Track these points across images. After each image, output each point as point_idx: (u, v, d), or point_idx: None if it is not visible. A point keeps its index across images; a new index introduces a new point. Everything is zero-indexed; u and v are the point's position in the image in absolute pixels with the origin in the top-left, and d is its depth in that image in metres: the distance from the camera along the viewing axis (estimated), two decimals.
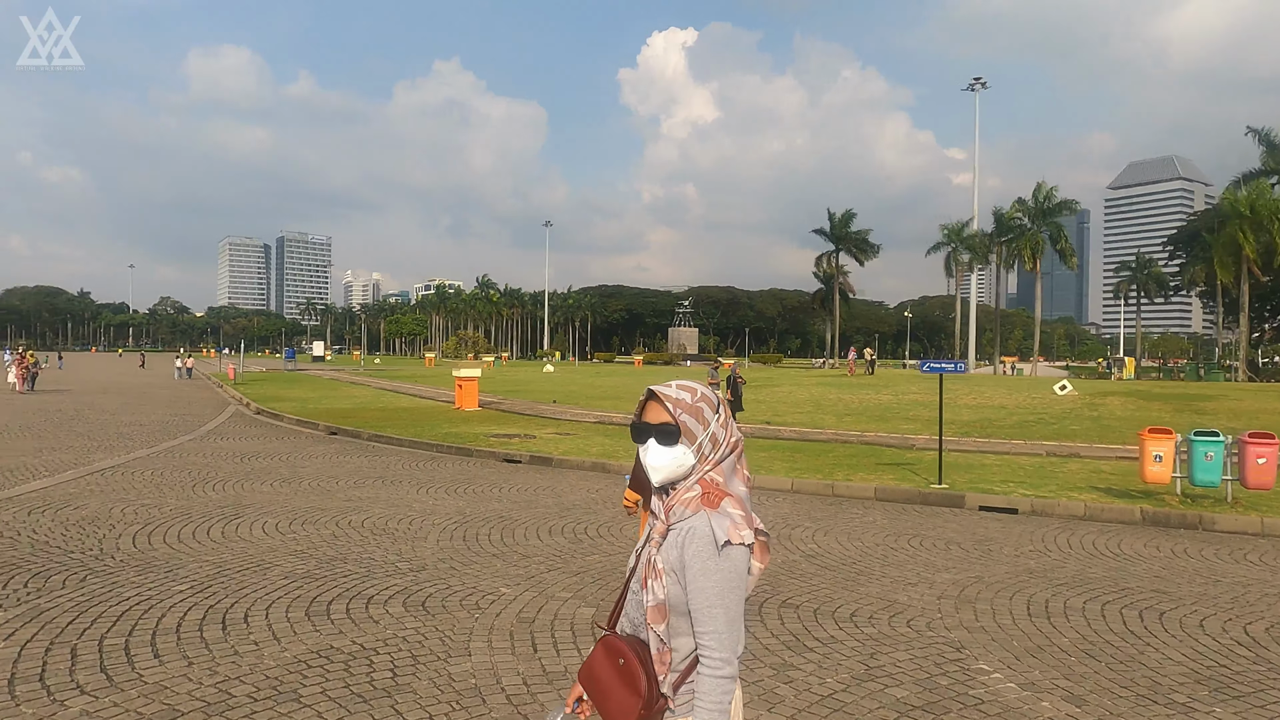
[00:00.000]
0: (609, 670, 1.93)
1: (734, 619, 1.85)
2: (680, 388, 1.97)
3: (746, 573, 1.88)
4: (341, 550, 7.19)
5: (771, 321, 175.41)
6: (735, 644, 1.85)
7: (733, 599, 1.84)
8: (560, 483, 11.76)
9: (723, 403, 2.02)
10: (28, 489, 9.98)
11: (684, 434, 1.91)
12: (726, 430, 1.97)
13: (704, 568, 1.84)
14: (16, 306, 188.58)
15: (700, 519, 1.88)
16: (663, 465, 1.93)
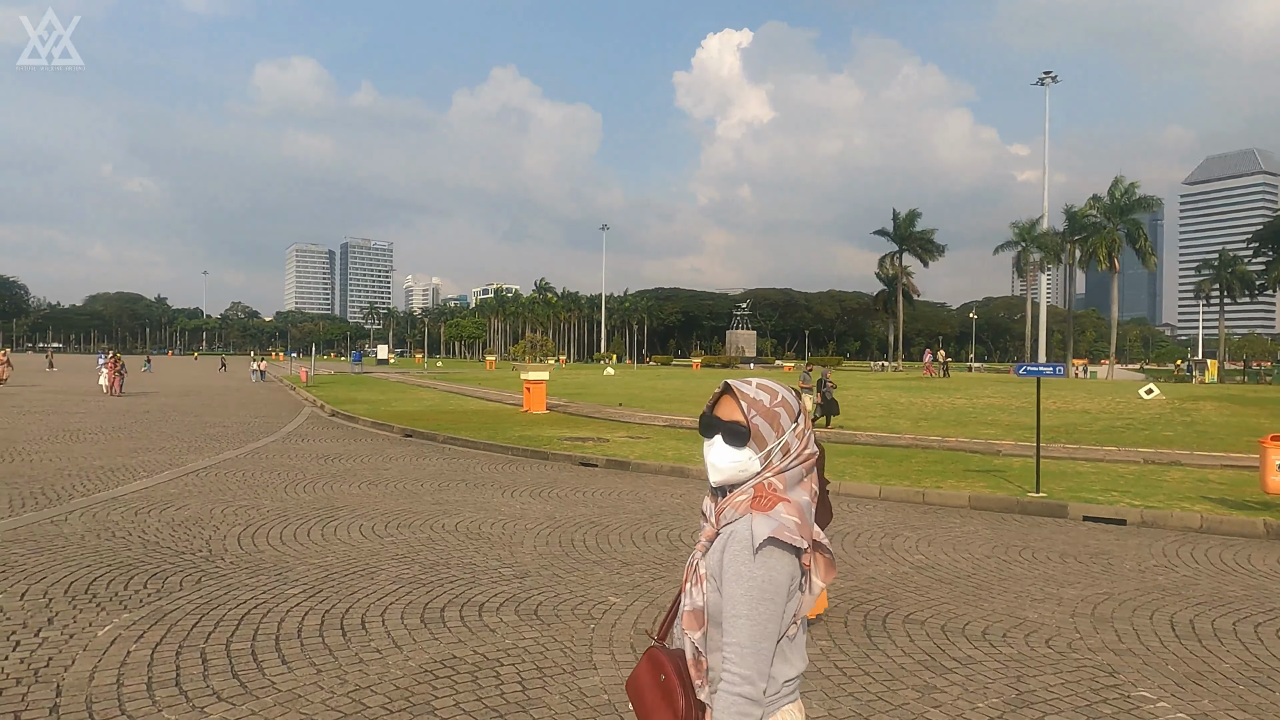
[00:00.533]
0: (651, 685, 1.83)
1: (761, 634, 1.67)
2: (760, 387, 1.83)
3: (789, 584, 1.71)
4: (442, 555, 7.15)
5: (830, 324, 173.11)
6: (759, 662, 1.67)
7: (763, 611, 1.67)
8: (641, 487, 11.62)
9: (803, 412, 1.88)
10: (130, 489, 10.26)
11: (754, 437, 1.78)
12: (802, 441, 1.83)
13: (737, 572, 1.70)
14: (100, 312, 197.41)
15: (744, 521, 1.74)
16: (724, 466, 1.80)
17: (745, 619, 1.67)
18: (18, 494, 9.66)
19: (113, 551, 6.93)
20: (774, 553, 1.69)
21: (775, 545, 1.69)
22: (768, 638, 1.67)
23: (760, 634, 1.66)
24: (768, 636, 1.67)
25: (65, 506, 8.94)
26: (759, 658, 1.66)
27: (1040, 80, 65.20)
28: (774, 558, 1.69)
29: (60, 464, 12.33)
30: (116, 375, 29.50)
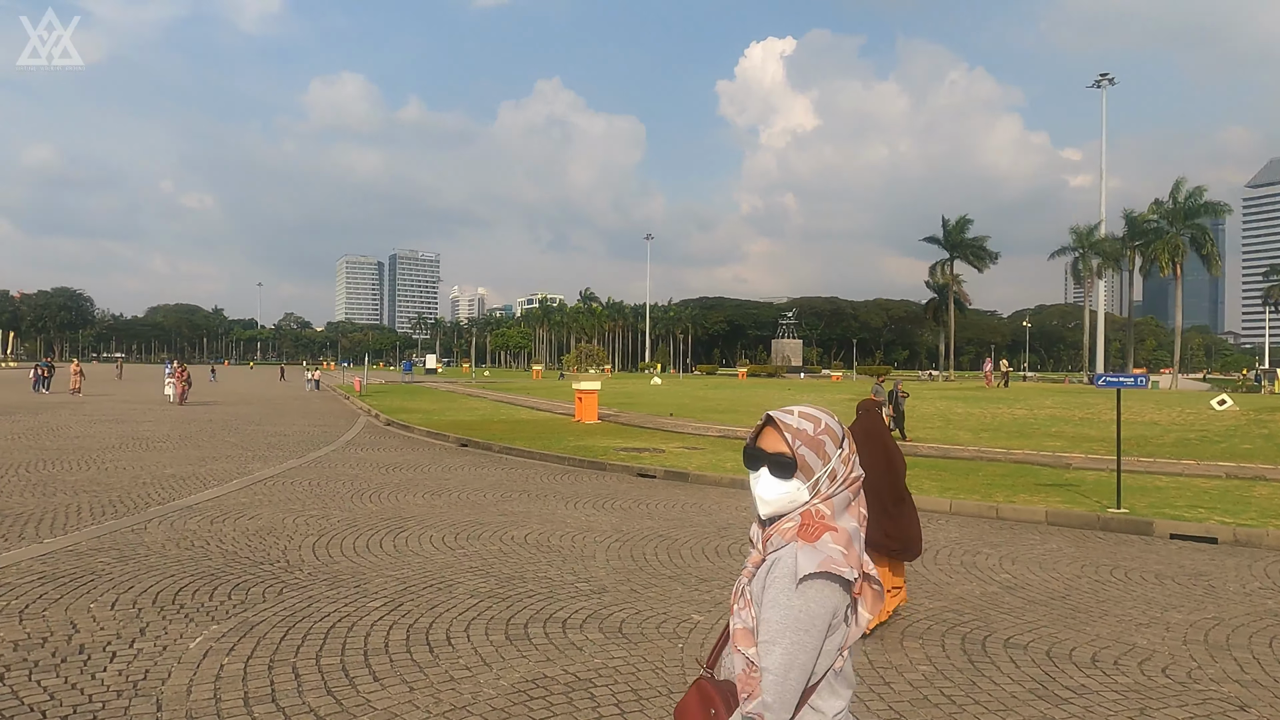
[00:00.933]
0: (698, 715, 1.81)
1: (791, 664, 1.64)
2: (803, 416, 1.82)
3: (830, 618, 1.67)
4: (516, 568, 7.08)
5: (877, 332, 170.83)
6: (785, 691, 1.64)
7: (797, 641, 1.64)
8: (703, 500, 11.46)
9: (848, 435, 1.85)
10: (202, 497, 10.42)
11: (801, 468, 1.77)
12: (848, 466, 1.81)
13: (774, 599, 1.69)
14: (160, 323, 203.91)
15: (789, 550, 1.73)
16: (773, 499, 1.79)
17: (778, 646, 1.65)
18: (98, 501, 9.88)
19: (194, 561, 7.01)
20: (817, 585, 1.66)
21: (821, 578, 1.66)
22: (798, 668, 1.65)
23: (790, 663, 1.64)
24: (798, 667, 1.65)
25: (144, 515, 9.10)
26: (786, 687, 1.64)
27: (1096, 83, 63.60)
28: (816, 590, 1.66)
29: (134, 472, 12.62)
30: (184, 385, 30.29)
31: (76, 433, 18.69)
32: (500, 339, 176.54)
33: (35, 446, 15.66)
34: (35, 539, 7.74)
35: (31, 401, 29.95)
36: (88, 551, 7.22)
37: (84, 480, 11.59)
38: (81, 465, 13.20)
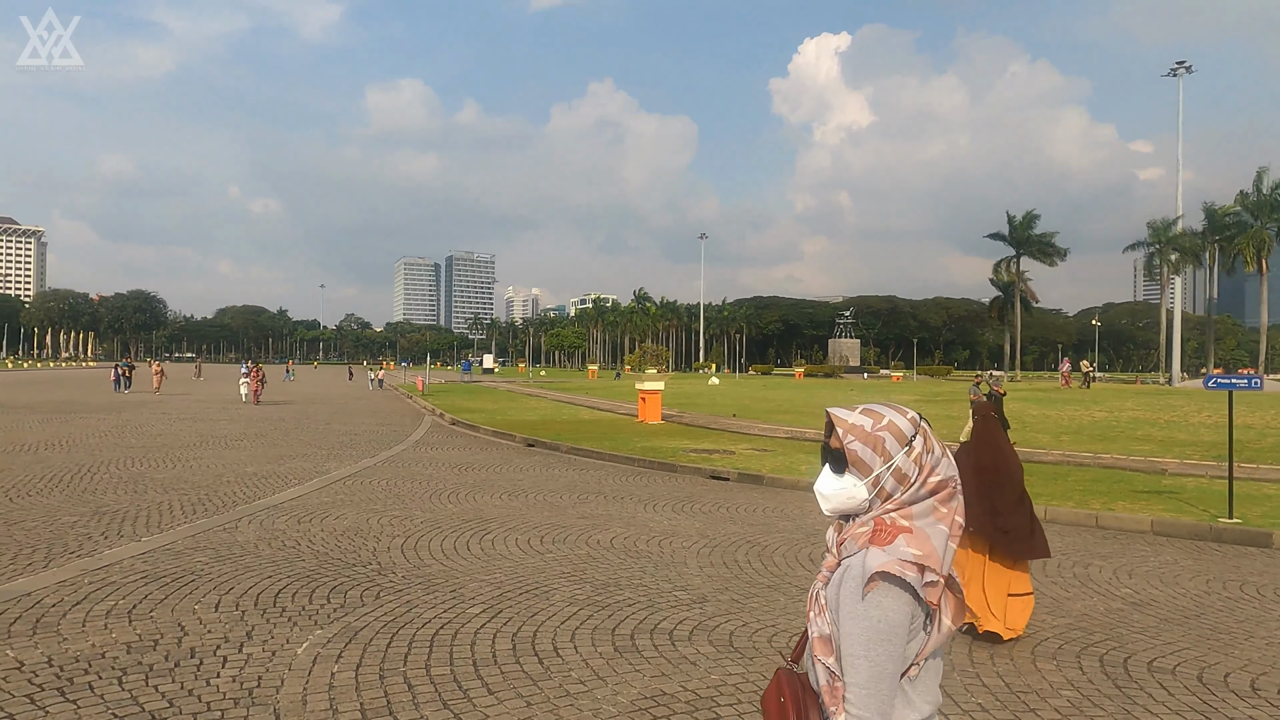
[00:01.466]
0: (773, 705, 1.83)
1: (879, 675, 1.63)
2: (864, 412, 1.80)
3: (908, 623, 1.65)
4: (608, 574, 6.90)
5: (936, 332, 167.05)
6: (879, 703, 1.63)
7: (881, 652, 1.63)
8: (783, 503, 11.15)
9: (925, 435, 1.78)
10: (285, 496, 10.51)
11: (853, 463, 1.75)
12: (922, 468, 1.74)
13: (851, 611, 1.67)
14: (228, 324, 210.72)
15: (858, 557, 1.71)
16: (829, 494, 1.80)
17: (863, 659, 1.64)
18: (186, 500, 10.03)
19: (287, 562, 7.00)
20: (887, 590, 1.64)
21: (887, 580, 1.63)
22: (886, 678, 1.63)
23: (878, 674, 1.62)
24: (886, 677, 1.63)
25: (232, 514, 9.19)
26: (878, 699, 1.63)
27: (1172, 71, 60.96)
28: (887, 596, 1.64)
29: (217, 470, 12.84)
30: (259, 385, 30.93)
31: (158, 431, 19.21)
32: (555, 339, 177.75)
33: (121, 444, 16.11)
34: (133, 537, 7.85)
35: (114, 400, 31.02)
36: (185, 551, 7.27)
37: (171, 478, 11.82)
38: (167, 463, 13.50)
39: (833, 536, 1.84)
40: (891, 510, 1.73)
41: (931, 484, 1.74)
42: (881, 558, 1.66)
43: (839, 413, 1.81)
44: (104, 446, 15.65)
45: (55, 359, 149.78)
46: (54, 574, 6.33)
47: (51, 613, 5.37)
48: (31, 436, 17.11)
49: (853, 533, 1.76)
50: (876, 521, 1.74)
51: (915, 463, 1.74)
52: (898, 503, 1.73)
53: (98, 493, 10.37)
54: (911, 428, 1.77)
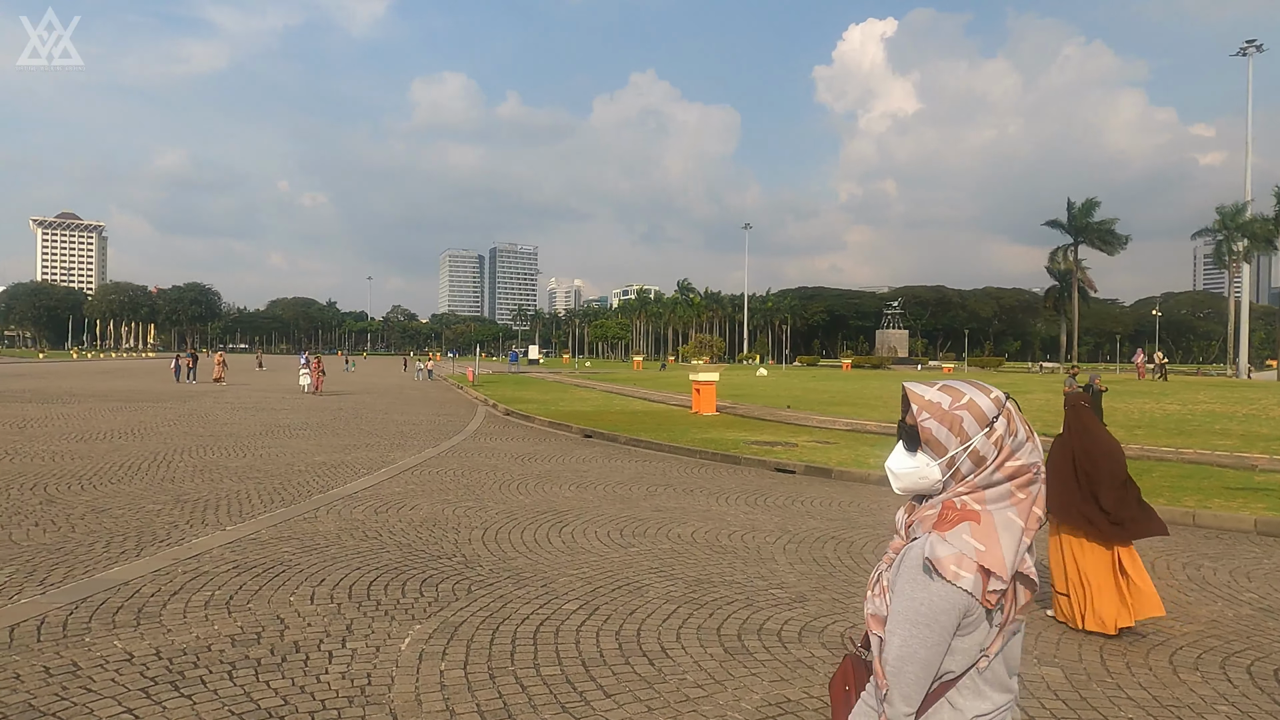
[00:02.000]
0: (839, 690, 1.83)
1: (909, 658, 1.59)
2: (943, 389, 1.72)
3: (959, 615, 1.58)
4: (698, 570, 6.70)
5: (986, 322, 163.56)
6: (901, 684, 1.59)
7: (914, 635, 1.59)
8: (857, 497, 10.84)
9: (1010, 416, 1.68)
10: (358, 486, 10.51)
11: (927, 441, 1.69)
12: (1001, 451, 1.65)
13: (900, 589, 1.64)
14: (279, 315, 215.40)
15: (920, 541, 1.66)
16: (900, 471, 1.75)
17: (896, 637, 1.61)
18: (261, 489, 10.08)
19: (372, 553, 6.93)
20: (939, 580, 1.58)
21: (938, 577, 1.58)
22: (914, 662, 1.58)
23: (907, 656, 1.58)
24: (915, 661, 1.58)
25: (309, 503, 9.20)
26: (900, 679, 1.59)
27: (1242, 50, 58.45)
28: (941, 584, 1.58)
29: (287, 459, 12.94)
30: (319, 375, 31.19)
31: (223, 420, 19.53)
32: (599, 330, 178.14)
33: (190, 433, 16.38)
34: (217, 526, 7.87)
35: (177, 390, 31.75)
36: (270, 541, 7.26)
37: (244, 467, 11.93)
38: (237, 452, 13.66)
39: (902, 518, 1.79)
40: (964, 493, 1.65)
41: (1010, 468, 1.65)
42: (942, 551, 1.58)
43: (916, 388, 1.74)
44: (174, 435, 15.92)
45: (117, 349, 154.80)
46: (147, 563, 6.34)
47: (151, 603, 5.35)
48: (105, 425, 17.51)
49: (921, 515, 1.71)
50: (945, 505, 1.67)
51: (995, 445, 1.65)
52: (971, 485, 1.65)
53: (176, 481, 10.49)
54: (994, 408, 1.67)
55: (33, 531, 7.38)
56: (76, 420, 18.34)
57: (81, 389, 30.60)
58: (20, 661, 4.26)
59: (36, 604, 5.23)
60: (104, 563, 6.34)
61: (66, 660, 4.29)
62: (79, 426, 16.99)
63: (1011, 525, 1.62)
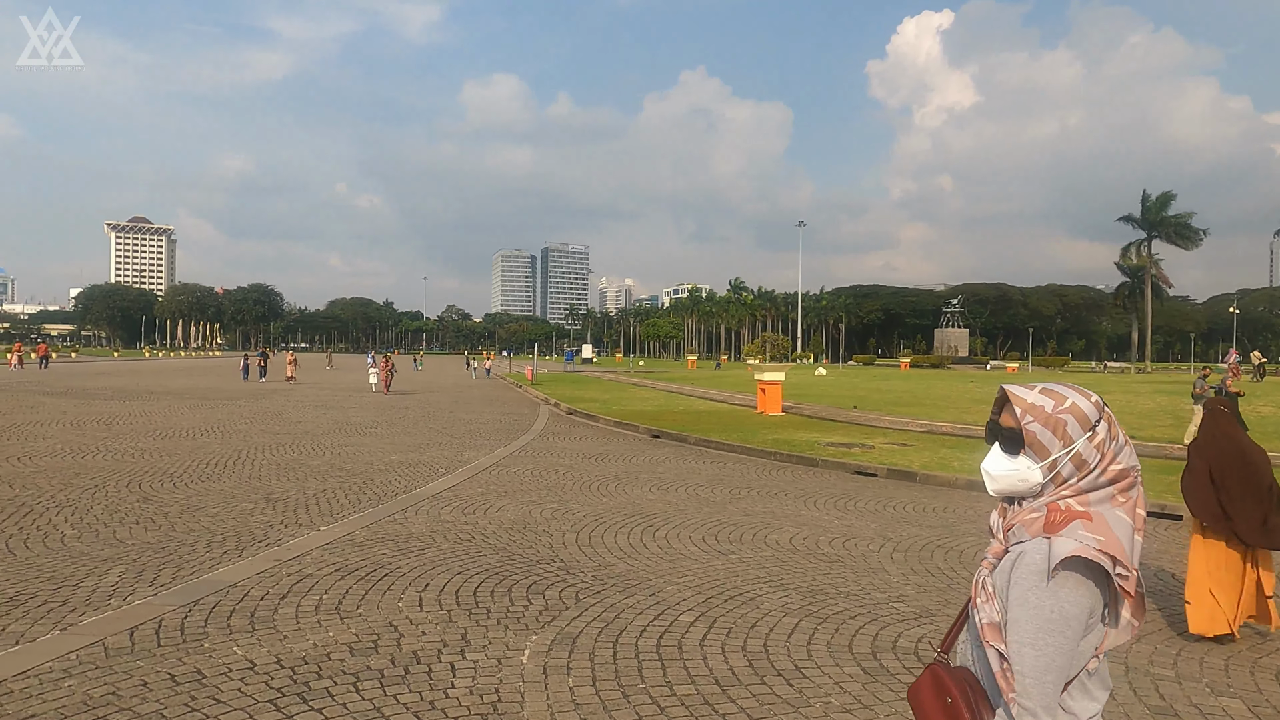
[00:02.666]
0: (934, 704, 1.72)
1: (1047, 667, 1.55)
2: (1044, 392, 1.72)
3: (1086, 617, 1.56)
4: (810, 580, 6.38)
5: (1049, 321, 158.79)
6: (1043, 695, 1.55)
7: (1050, 643, 1.55)
8: (949, 502, 10.39)
9: (1110, 420, 1.68)
10: (440, 486, 10.43)
11: (1030, 445, 1.68)
12: (1104, 454, 1.64)
13: (1022, 597, 1.59)
14: (338, 315, 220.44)
15: (1035, 544, 1.62)
16: (999, 475, 1.72)
17: (1030, 649, 1.58)
18: (346, 488, 10.06)
19: (470, 556, 6.78)
20: (1070, 580, 1.57)
21: (1075, 568, 1.56)
22: (1054, 670, 1.57)
23: (1046, 666, 1.56)
24: (1054, 669, 1.57)
25: (396, 503, 9.13)
26: (1043, 690, 1.57)
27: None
28: (1066, 586, 1.57)
29: (365, 457, 12.98)
30: (388, 374, 31.22)
31: (296, 418, 19.82)
32: (651, 329, 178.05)
33: (267, 431, 16.61)
34: (310, 526, 7.83)
35: (247, 388, 32.49)
36: (365, 542, 7.17)
37: (325, 465, 11.98)
38: (315, 450, 13.76)
39: (997, 522, 1.77)
40: (1067, 496, 1.65)
41: (1112, 472, 1.65)
42: (1068, 545, 1.56)
43: (1017, 391, 1.74)
44: (252, 432, 16.16)
45: (185, 348, 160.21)
46: (250, 564, 6.29)
47: (262, 606, 5.26)
48: (185, 422, 17.89)
49: (1022, 519, 1.69)
50: (1050, 508, 1.66)
51: (1097, 449, 1.65)
52: (1074, 489, 1.65)
53: (263, 479, 10.55)
54: (1096, 411, 1.68)
55: (135, 530, 7.43)
56: (158, 417, 18.80)
57: (159, 387, 31.52)
58: (145, 668, 4.18)
59: (150, 606, 5.19)
60: (208, 563, 6.30)
61: (190, 667, 4.20)
62: (160, 424, 17.38)
63: (1122, 522, 1.61)
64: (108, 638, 4.58)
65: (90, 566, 6.10)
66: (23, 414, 18.80)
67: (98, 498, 8.91)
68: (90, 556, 6.41)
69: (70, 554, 6.47)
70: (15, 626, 4.73)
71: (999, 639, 1.64)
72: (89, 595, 5.41)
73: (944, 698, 1.71)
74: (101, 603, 5.26)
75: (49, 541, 6.87)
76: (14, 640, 4.51)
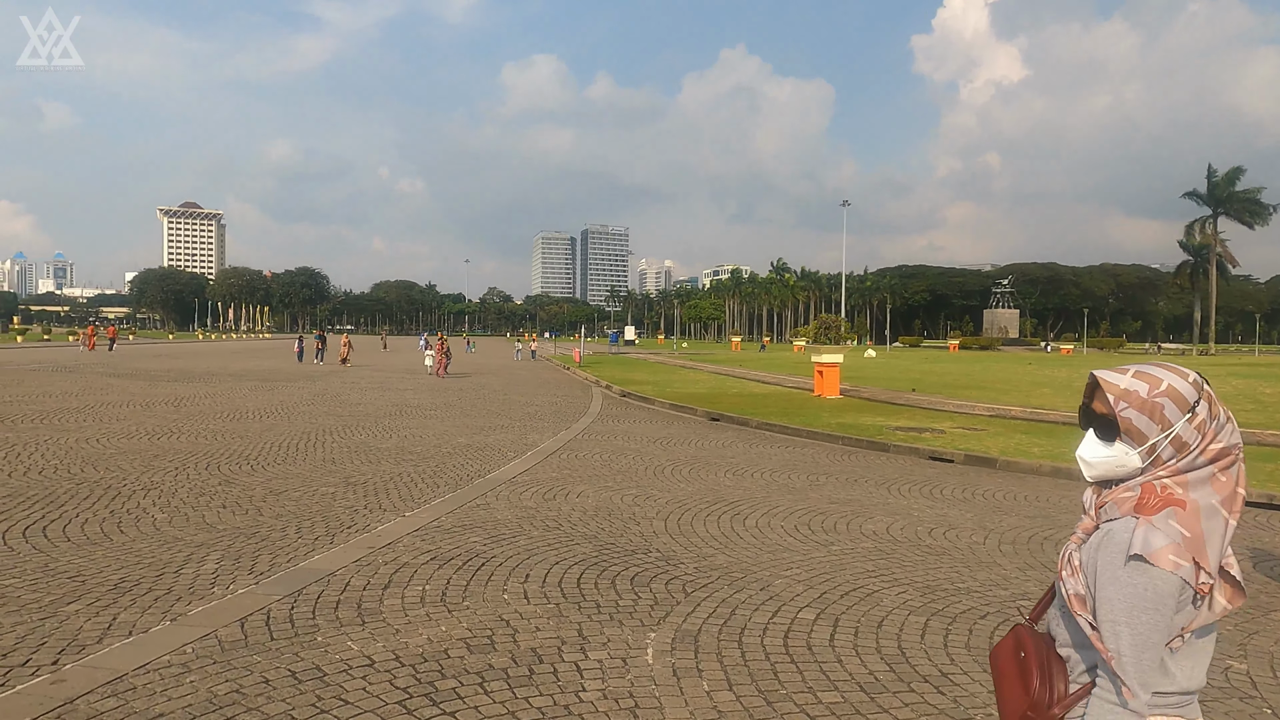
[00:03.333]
0: (1010, 661, 1.80)
1: (1144, 645, 1.56)
2: (1138, 376, 1.67)
3: (1177, 594, 1.55)
4: (923, 574, 6.06)
5: (1102, 301, 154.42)
6: (1140, 672, 1.56)
7: (1144, 622, 1.55)
8: (1037, 490, 9.96)
9: (1210, 399, 1.64)
10: (513, 470, 10.27)
11: (1126, 431, 1.65)
12: (1204, 434, 1.61)
13: (1111, 576, 1.59)
14: (382, 298, 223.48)
15: (1123, 523, 1.62)
16: (1095, 461, 1.71)
17: (1125, 627, 1.57)
18: (422, 471, 9.95)
19: (562, 545, 6.58)
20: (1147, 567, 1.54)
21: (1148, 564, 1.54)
22: (1150, 648, 1.56)
23: (1141, 643, 1.56)
24: (1150, 646, 1.56)
25: (474, 488, 8.98)
26: (1140, 668, 1.56)
27: None
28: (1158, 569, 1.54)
29: (432, 440, 12.90)
30: (443, 357, 30.82)
31: (355, 400, 19.91)
32: (693, 310, 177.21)
33: (331, 413, 16.68)
34: (394, 510, 7.71)
35: (304, 370, 32.88)
36: (454, 529, 7.01)
37: (395, 448, 11.92)
38: (382, 432, 13.73)
39: (1090, 498, 1.77)
40: (1164, 476, 1.64)
41: (1213, 451, 1.63)
42: (1154, 542, 1.55)
43: (1109, 376, 1.72)
44: (316, 414, 16.23)
45: (236, 331, 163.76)
46: (345, 551, 6.16)
47: (366, 598, 5.10)
48: (250, 404, 18.06)
49: (1116, 496, 1.68)
50: (1145, 488, 1.65)
51: (1197, 430, 1.62)
52: (1172, 469, 1.63)
53: (337, 462, 10.50)
54: (1194, 391, 1.65)
55: (222, 514, 7.38)
56: (222, 399, 19.02)
57: (217, 369, 32.06)
58: (263, 663, 4.03)
59: (255, 596, 5.07)
60: (302, 550, 6.19)
61: (309, 664, 4.04)
62: (226, 405, 17.57)
63: (1215, 513, 1.60)
64: (219, 629, 4.45)
65: (187, 552, 6.03)
66: (93, 395, 19.17)
67: (180, 480, 8.92)
68: (184, 541, 6.34)
69: (164, 539, 6.41)
70: (125, 616, 4.63)
71: (1084, 608, 1.65)
72: (191, 583, 5.32)
73: (1018, 653, 1.78)
74: (205, 591, 5.16)
75: (141, 525, 6.84)
76: (127, 631, 4.41)
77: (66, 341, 67.81)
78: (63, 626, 4.44)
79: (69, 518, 7.04)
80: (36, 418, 14.43)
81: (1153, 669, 1.57)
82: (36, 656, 4.04)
